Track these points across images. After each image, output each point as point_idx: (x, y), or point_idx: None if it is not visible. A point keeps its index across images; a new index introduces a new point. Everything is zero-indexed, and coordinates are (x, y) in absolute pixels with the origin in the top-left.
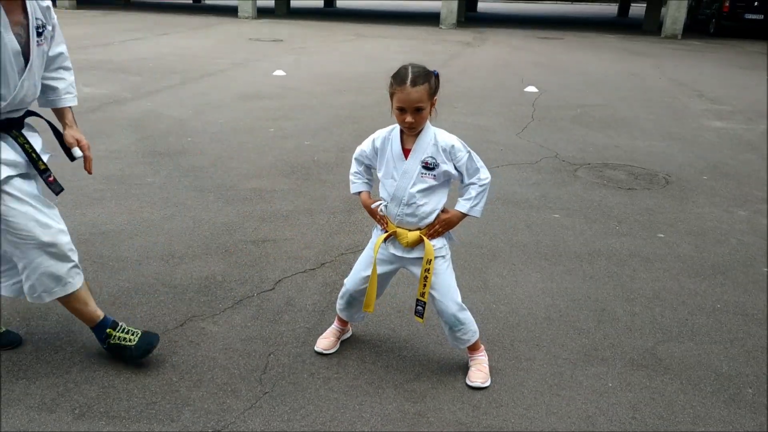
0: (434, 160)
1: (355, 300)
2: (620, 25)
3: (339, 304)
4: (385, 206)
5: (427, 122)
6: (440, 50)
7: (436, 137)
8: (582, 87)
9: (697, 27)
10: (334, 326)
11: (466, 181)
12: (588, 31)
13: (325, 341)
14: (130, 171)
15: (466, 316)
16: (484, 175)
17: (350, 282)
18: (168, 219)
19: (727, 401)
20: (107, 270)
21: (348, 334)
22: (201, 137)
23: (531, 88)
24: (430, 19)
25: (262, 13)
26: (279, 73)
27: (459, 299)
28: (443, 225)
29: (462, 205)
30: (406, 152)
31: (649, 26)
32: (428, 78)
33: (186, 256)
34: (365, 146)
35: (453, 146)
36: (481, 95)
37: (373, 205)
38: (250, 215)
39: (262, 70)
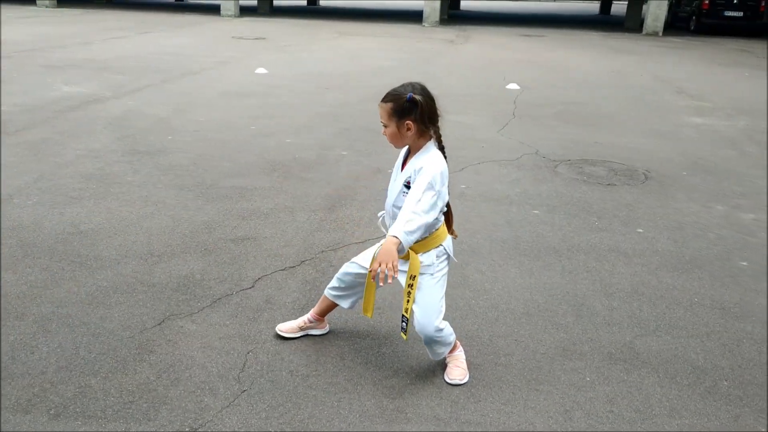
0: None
1: (342, 284)
2: (602, 22)
3: (331, 283)
4: (384, 214)
5: (430, 144)
6: (423, 48)
7: (422, 158)
8: (563, 84)
9: (678, 24)
10: (306, 316)
11: (406, 200)
12: (570, 29)
13: (288, 324)
14: (110, 170)
15: (443, 335)
16: (421, 209)
17: (346, 265)
18: (147, 217)
19: (703, 394)
20: (85, 269)
21: (323, 331)
22: (182, 135)
23: (513, 86)
24: (413, 17)
25: (245, 11)
26: (261, 71)
27: (438, 321)
28: (381, 260)
29: (393, 228)
30: (403, 167)
31: (631, 23)
32: (395, 98)
33: (165, 255)
34: None
35: (421, 168)
36: (463, 93)
37: (378, 214)
38: (230, 213)
39: (245, 69)
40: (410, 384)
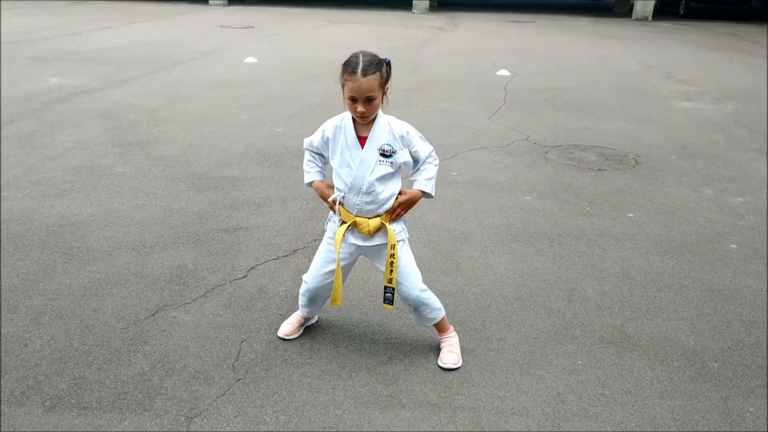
0: (391, 148)
1: (318, 297)
2: (592, 8)
3: (301, 300)
4: (343, 197)
5: (379, 110)
6: (413, 35)
7: (390, 125)
8: (553, 70)
9: (668, 9)
10: (299, 313)
11: (421, 161)
12: (560, 15)
13: (288, 327)
14: (100, 161)
15: (429, 296)
16: (435, 155)
17: (312, 280)
18: (138, 209)
19: (693, 375)
20: (77, 261)
21: (314, 320)
22: (171, 126)
23: (503, 72)
24: (403, 4)
25: (234, 0)
26: (250, 60)
27: (420, 282)
28: (404, 206)
29: (423, 184)
30: (361, 140)
31: (620, 9)
32: (379, 67)
33: (157, 246)
34: (315, 138)
35: (408, 132)
36: (453, 80)
37: (330, 198)
38: (221, 203)
39: (234, 58)
40: (404, 370)
